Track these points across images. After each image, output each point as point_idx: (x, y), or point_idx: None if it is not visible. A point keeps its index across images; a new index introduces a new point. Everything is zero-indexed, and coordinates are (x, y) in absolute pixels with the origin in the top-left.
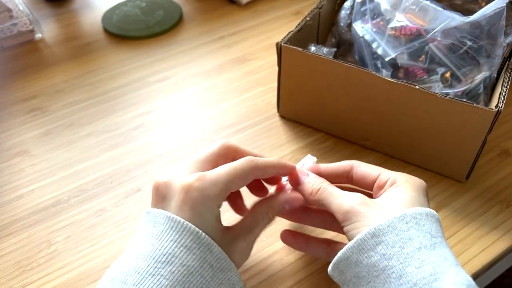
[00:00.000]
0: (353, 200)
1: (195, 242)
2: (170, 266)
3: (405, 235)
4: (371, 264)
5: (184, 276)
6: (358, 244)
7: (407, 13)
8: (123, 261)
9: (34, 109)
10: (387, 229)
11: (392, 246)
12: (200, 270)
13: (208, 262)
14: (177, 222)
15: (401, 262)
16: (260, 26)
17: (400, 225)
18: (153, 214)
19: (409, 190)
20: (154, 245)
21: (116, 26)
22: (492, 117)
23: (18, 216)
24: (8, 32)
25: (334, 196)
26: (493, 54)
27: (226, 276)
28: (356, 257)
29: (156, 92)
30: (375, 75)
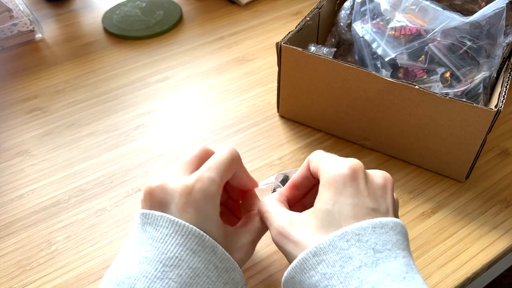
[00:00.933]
0: (276, 228)
1: (200, 244)
2: (178, 269)
3: (345, 253)
4: (312, 284)
5: (191, 278)
6: (300, 263)
7: (407, 13)
8: (126, 265)
9: (35, 109)
10: (328, 248)
11: (333, 266)
12: (206, 272)
13: (213, 263)
14: (182, 226)
15: (341, 282)
16: (260, 26)
17: (340, 244)
18: (153, 217)
19: (326, 196)
20: (159, 249)
21: (116, 26)
22: (491, 117)
23: (18, 216)
24: (8, 32)
25: (268, 221)
26: (493, 54)
27: (230, 276)
28: (299, 277)
29: (156, 92)
30: (375, 75)
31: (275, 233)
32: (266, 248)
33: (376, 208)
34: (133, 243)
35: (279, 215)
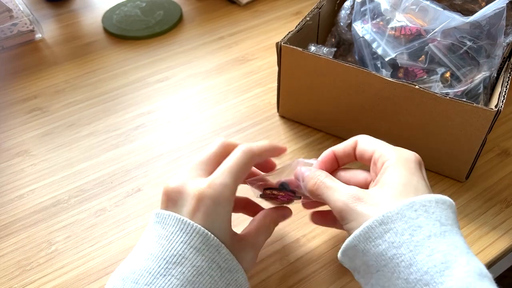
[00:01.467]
0: (346, 196)
1: (204, 243)
2: (181, 267)
3: (414, 223)
4: (379, 253)
5: (194, 276)
6: (365, 232)
7: (407, 13)
8: (133, 261)
9: (35, 109)
10: (396, 217)
11: (401, 234)
12: (208, 271)
13: (217, 263)
14: (187, 224)
15: (411, 250)
16: (260, 26)
17: (409, 213)
18: (162, 216)
19: (400, 172)
20: (164, 246)
21: (116, 26)
22: (492, 117)
23: (18, 216)
24: (8, 32)
25: (330, 191)
26: (493, 54)
27: (233, 277)
28: (363, 246)
29: (156, 92)
30: (375, 75)
31: (345, 200)
32: (266, 248)
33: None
34: (143, 241)
35: (346, 187)
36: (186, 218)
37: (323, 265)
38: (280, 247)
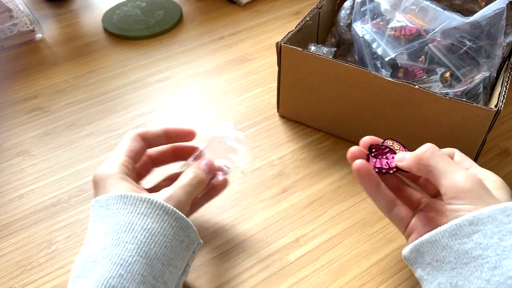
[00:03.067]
0: (475, 179)
1: (149, 208)
2: (132, 232)
3: (505, 228)
4: (463, 251)
5: (147, 238)
6: (453, 228)
7: (407, 13)
8: (87, 247)
9: (35, 109)
10: (487, 219)
11: (490, 237)
12: (161, 231)
13: (168, 222)
14: (128, 197)
15: (498, 254)
16: (260, 26)
17: (501, 217)
18: (103, 199)
19: (506, 191)
20: (113, 222)
21: (116, 26)
22: (491, 116)
23: (19, 216)
24: (8, 32)
25: (451, 167)
26: (493, 54)
27: (185, 233)
28: (446, 241)
29: (157, 92)
30: (375, 74)
31: (472, 183)
32: (266, 247)
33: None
34: (89, 232)
35: (465, 171)
36: (127, 192)
37: (323, 265)
38: (280, 246)
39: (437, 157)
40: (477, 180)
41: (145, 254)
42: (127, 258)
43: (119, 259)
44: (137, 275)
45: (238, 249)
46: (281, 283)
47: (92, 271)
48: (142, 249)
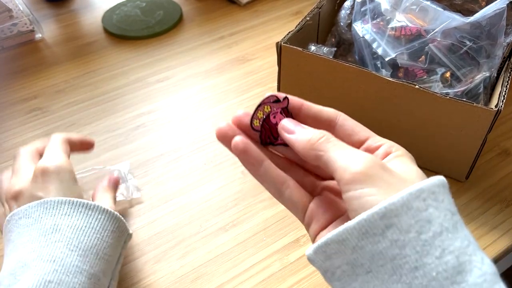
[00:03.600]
0: (370, 160)
1: (72, 208)
2: (59, 232)
3: (423, 216)
4: (377, 252)
5: (75, 233)
6: (362, 225)
7: (407, 13)
8: (15, 255)
9: (35, 109)
10: (401, 209)
11: (407, 231)
12: (88, 225)
13: (94, 217)
14: (49, 202)
15: (417, 251)
16: (260, 26)
17: (416, 204)
18: (20, 212)
19: (413, 165)
20: (38, 228)
21: (116, 26)
22: (492, 116)
23: None
24: (8, 32)
25: (341, 150)
26: (493, 54)
27: (114, 224)
28: (355, 241)
29: (156, 92)
30: (375, 74)
31: (369, 162)
32: (266, 248)
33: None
34: (9, 245)
35: (358, 151)
36: (45, 198)
37: None
38: (280, 246)
39: (325, 144)
40: (373, 159)
41: (76, 248)
42: (58, 254)
43: (50, 257)
44: (72, 267)
45: (238, 249)
46: (281, 283)
47: (24, 275)
48: (72, 244)
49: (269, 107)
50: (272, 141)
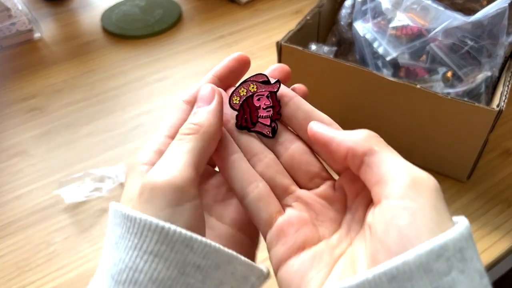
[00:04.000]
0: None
1: (163, 243)
2: (136, 285)
3: (444, 282)
4: None
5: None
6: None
7: (408, 12)
8: (100, 271)
9: (33, 108)
10: (416, 272)
11: None
12: (182, 279)
13: (193, 264)
14: (133, 220)
15: None
16: (260, 25)
17: (437, 266)
18: (111, 211)
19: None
20: (112, 258)
21: (115, 25)
22: (493, 116)
23: (17, 217)
24: (7, 31)
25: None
26: (495, 54)
27: (228, 270)
28: None
29: (156, 91)
30: (376, 74)
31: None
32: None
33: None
34: (105, 245)
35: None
36: (131, 212)
37: None
38: None
39: (383, 143)
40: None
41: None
42: None
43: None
44: None
45: None
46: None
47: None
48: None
49: (255, 87)
50: (249, 126)
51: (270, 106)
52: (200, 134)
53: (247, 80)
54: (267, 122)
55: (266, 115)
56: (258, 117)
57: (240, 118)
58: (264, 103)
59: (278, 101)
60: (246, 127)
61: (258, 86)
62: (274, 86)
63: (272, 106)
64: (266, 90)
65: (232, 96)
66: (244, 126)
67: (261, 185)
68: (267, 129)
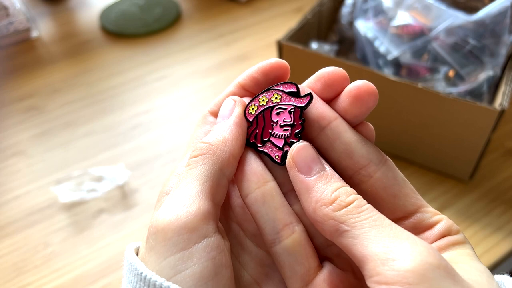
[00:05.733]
0: (427, 253)
1: None
2: None
3: None
4: None
5: None
6: None
7: (410, 11)
8: None
9: (31, 108)
10: None
11: None
12: None
13: None
14: (134, 272)
15: None
16: (260, 23)
17: None
18: (126, 265)
19: (479, 262)
20: None
21: (114, 24)
22: (495, 115)
23: (15, 218)
24: (4, 30)
25: (380, 230)
26: (497, 53)
27: None
28: None
29: (155, 91)
30: (377, 73)
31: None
32: None
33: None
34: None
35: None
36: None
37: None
38: None
39: (363, 213)
40: (435, 254)
41: None
42: None
43: None
44: None
45: None
46: None
47: None
48: None
49: (280, 97)
50: (257, 143)
51: (290, 124)
52: (211, 154)
53: (272, 88)
54: (280, 144)
55: (281, 135)
56: (272, 135)
57: (251, 132)
58: (284, 119)
59: (303, 120)
60: (254, 144)
61: (283, 97)
62: (302, 100)
63: (293, 125)
64: (291, 103)
65: (250, 105)
66: (252, 143)
67: (298, 230)
68: (277, 152)
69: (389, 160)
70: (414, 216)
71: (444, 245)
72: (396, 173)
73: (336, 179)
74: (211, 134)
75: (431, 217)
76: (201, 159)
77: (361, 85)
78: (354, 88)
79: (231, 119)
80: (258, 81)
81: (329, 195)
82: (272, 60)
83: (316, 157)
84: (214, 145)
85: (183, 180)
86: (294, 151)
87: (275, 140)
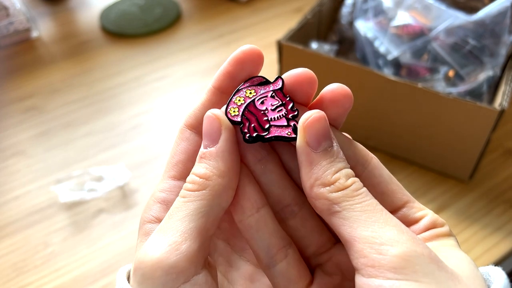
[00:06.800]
0: (416, 241)
1: None
2: None
3: None
4: None
5: None
6: None
7: (410, 11)
8: None
9: (31, 108)
10: None
11: None
12: None
13: None
14: None
15: None
16: (260, 23)
17: None
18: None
19: (462, 252)
20: None
21: (114, 24)
22: (495, 115)
23: (14, 218)
24: (4, 30)
25: (371, 214)
26: (497, 53)
27: None
28: None
29: (154, 91)
30: (377, 73)
31: (413, 245)
32: None
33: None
34: None
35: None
36: None
37: None
38: None
39: (358, 196)
40: (423, 243)
41: None
42: None
43: None
44: None
45: None
46: None
47: None
48: None
49: (253, 91)
50: (261, 133)
51: (280, 104)
52: (210, 190)
53: (241, 88)
54: (283, 122)
55: (278, 116)
56: (270, 120)
57: (247, 129)
58: (271, 103)
59: (287, 96)
60: (259, 137)
61: (257, 89)
62: (275, 84)
63: (283, 104)
64: (267, 90)
65: (229, 108)
66: (255, 136)
67: (291, 252)
68: (286, 129)
69: (375, 158)
70: (400, 211)
71: (429, 236)
72: (383, 171)
73: (340, 159)
74: (204, 165)
75: (416, 212)
76: (199, 195)
77: (335, 88)
78: (329, 91)
79: (222, 146)
80: (233, 75)
81: (330, 176)
82: (244, 47)
83: (327, 132)
84: (212, 180)
85: (177, 213)
86: (309, 121)
87: (276, 122)
